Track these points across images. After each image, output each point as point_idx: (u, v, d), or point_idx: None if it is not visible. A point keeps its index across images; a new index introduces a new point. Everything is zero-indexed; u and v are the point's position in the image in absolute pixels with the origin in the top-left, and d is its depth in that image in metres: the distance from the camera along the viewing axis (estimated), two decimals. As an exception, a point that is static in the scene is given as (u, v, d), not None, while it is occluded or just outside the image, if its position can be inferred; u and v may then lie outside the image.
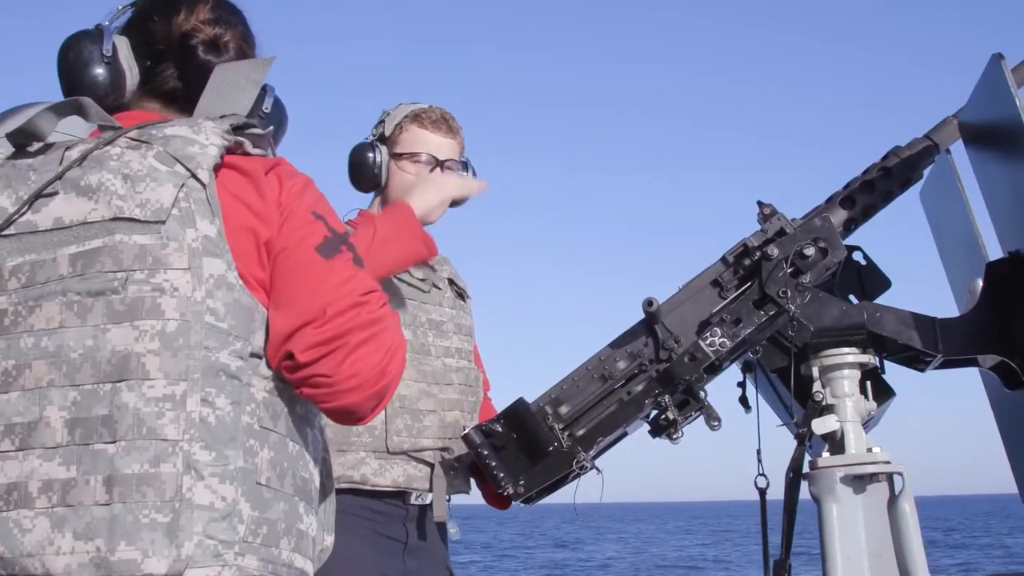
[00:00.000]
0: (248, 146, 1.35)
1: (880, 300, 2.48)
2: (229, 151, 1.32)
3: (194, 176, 1.27)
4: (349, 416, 1.32)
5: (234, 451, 1.22)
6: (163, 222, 1.24)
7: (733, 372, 2.58)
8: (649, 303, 2.29)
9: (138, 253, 1.23)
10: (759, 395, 2.56)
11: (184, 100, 1.46)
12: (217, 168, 1.29)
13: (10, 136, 1.34)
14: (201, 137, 1.29)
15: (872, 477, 2.25)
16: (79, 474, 1.17)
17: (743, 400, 2.62)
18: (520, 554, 33.96)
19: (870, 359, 2.34)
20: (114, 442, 1.17)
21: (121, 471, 1.16)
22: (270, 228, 1.31)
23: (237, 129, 1.35)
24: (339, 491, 2.15)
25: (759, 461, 2.38)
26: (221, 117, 1.35)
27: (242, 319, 1.26)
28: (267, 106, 1.50)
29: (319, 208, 1.37)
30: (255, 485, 1.24)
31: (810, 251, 2.28)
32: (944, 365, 2.33)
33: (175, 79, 1.46)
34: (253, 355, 1.28)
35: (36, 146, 1.33)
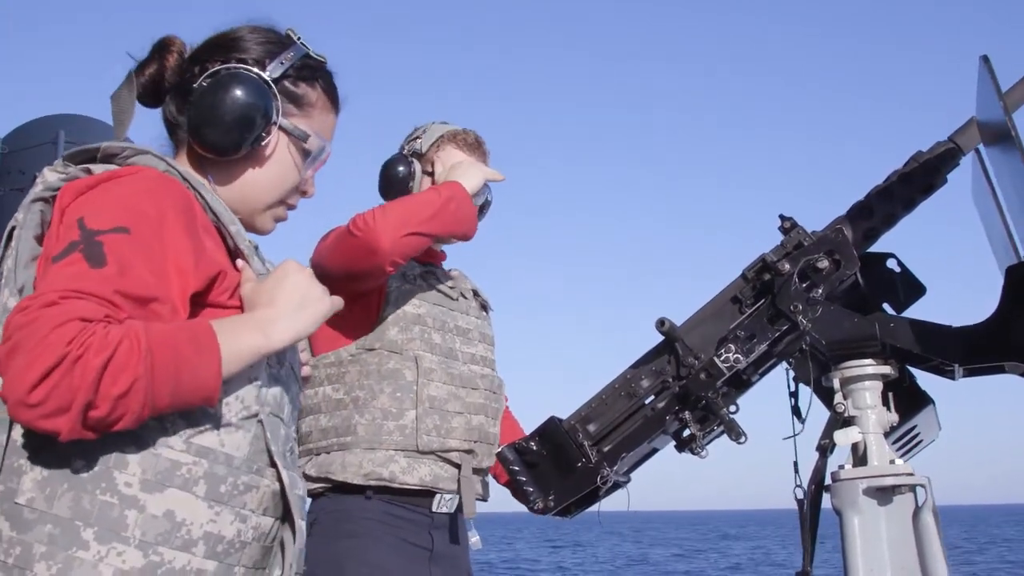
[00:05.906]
0: (96, 169, 1.36)
1: (915, 306, 2.43)
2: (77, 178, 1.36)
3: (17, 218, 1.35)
4: (47, 435, 1.16)
5: None
6: None
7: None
8: (661, 323, 2.37)
9: None
10: (796, 403, 2.55)
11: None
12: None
13: None
14: (39, 179, 1.38)
15: (895, 489, 2.22)
16: None
17: (795, 410, 2.61)
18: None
19: (891, 370, 2.31)
20: None
21: None
22: (48, 245, 1.29)
23: (84, 160, 1.39)
24: (365, 494, 2.32)
25: (796, 472, 2.36)
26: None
27: None
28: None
29: (91, 211, 1.27)
30: (14, 505, 1.23)
31: (823, 264, 2.27)
32: (971, 373, 2.26)
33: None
34: None
35: None
